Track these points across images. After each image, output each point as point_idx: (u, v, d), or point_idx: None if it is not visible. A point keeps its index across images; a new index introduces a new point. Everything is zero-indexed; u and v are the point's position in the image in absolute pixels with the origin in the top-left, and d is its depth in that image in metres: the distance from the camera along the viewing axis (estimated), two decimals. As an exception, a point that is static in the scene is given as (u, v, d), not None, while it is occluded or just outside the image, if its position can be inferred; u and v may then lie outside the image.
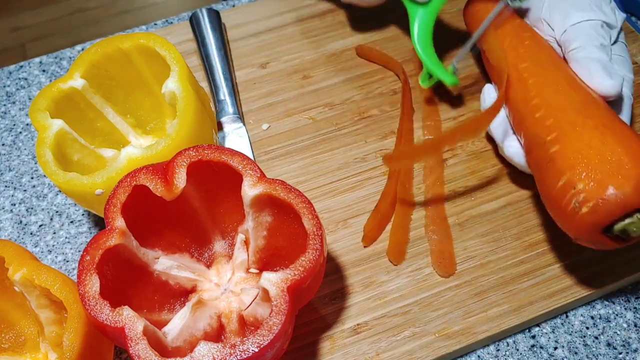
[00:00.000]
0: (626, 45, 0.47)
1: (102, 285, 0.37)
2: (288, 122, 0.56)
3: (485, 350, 0.45)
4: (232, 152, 0.41)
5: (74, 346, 0.37)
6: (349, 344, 0.44)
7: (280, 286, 0.37)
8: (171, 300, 0.43)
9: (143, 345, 0.35)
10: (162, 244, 0.44)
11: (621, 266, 0.46)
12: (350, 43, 0.61)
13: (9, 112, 0.59)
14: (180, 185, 0.40)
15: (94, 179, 0.42)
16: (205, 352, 0.35)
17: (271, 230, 0.43)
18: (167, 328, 0.40)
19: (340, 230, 0.49)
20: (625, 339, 0.45)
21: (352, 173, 0.52)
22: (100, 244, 0.38)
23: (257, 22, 0.63)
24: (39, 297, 0.41)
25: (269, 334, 0.35)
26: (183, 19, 0.65)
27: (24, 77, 0.62)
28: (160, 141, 0.43)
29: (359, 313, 0.45)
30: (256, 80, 0.59)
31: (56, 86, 0.47)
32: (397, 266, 0.47)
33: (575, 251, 0.47)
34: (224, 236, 0.46)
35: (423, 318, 0.45)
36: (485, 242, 0.48)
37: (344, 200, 0.51)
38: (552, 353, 0.44)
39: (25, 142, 0.57)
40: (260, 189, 0.40)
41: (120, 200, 0.40)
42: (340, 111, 0.56)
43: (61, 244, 0.51)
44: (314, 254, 0.38)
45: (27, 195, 0.53)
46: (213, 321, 0.41)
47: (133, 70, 0.50)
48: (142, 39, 0.48)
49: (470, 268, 0.47)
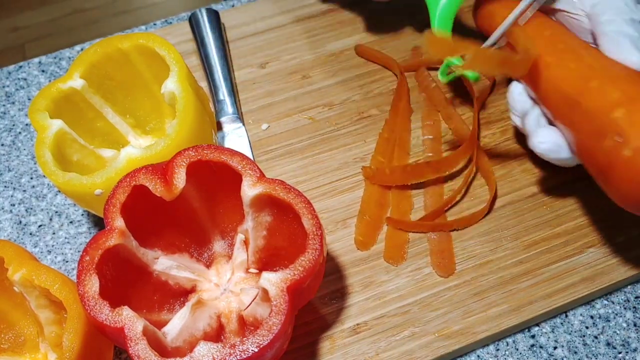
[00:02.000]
0: None
1: (101, 285, 0.37)
2: (287, 122, 0.56)
3: (484, 350, 0.45)
4: (231, 152, 0.41)
5: (73, 346, 0.37)
6: (349, 344, 0.44)
7: (280, 286, 0.37)
8: (171, 300, 0.43)
9: (143, 346, 0.35)
10: (162, 244, 0.44)
11: (621, 266, 0.46)
12: (349, 43, 0.61)
13: (8, 112, 0.59)
14: (179, 185, 0.40)
15: (93, 179, 0.42)
16: (204, 352, 0.35)
17: (271, 230, 0.43)
18: (167, 328, 0.40)
19: (340, 230, 0.49)
20: (625, 339, 0.45)
21: (351, 173, 0.52)
22: (100, 244, 0.38)
23: (257, 22, 0.63)
24: (39, 297, 0.41)
25: (269, 334, 0.35)
26: (182, 19, 0.65)
27: (23, 78, 0.62)
28: (159, 141, 0.43)
29: (358, 313, 0.45)
30: (255, 80, 0.59)
31: (55, 86, 0.47)
32: (396, 266, 0.47)
33: (575, 251, 0.47)
34: (224, 236, 0.46)
35: (422, 318, 0.45)
36: (484, 241, 0.48)
37: (344, 200, 0.51)
38: (552, 353, 0.44)
39: (24, 143, 0.57)
40: (259, 189, 0.40)
41: (120, 201, 0.40)
42: (339, 111, 0.56)
43: (61, 244, 0.51)
44: (313, 254, 0.38)
45: (26, 196, 0.53)
46: (213, 321, 0.41)
47: (132, 71, 0.50)
48: (142, 39, 0.48)
49: (469, 268, 0.47)
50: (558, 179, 0.51)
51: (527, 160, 0.52)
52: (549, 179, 0.51)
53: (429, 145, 0.53)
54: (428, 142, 0.53)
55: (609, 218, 0.49)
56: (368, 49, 0.59)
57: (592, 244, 0.47)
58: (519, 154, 0.52)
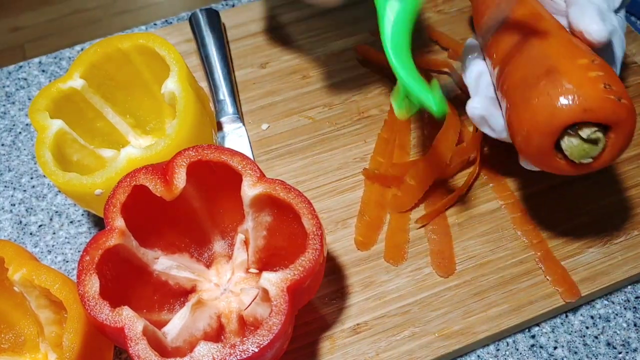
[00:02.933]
0: (624, 22, 0.47)
1: (101, 285, 0.37)
2: (288, 122, 0.56)
3: (485, 350, 0.45)
4: (231, 152, 0.41)
5: (73, 346, 0.37)
6: (349, 344, 0.44)
7: (280, 286, 0.37)
8: (171, 300, 0.43)
9: (143, 346, 0.35)
10: (162, 244, 0.44)
11: (621, 266, 0.46)
12: (349, 43, 0.61)
13: (8, 112, 0.59)
14: (179, 185, 0.40)
15: (93, 179, 0.42)
16: (205, 352, 0.35)
17: (271, 230, 0.43)
18: (167, 328, 0.40)
19: (340, 230, 0.49)
20: (625, 339, 0.45)
21: (351, 173, 0.52)
22: (100, 244, 0.38)
23: (257, 22, 0.63)
24: (39, 297, 0.41)
25: (269, 334, 0.35)
26: (182, 19, 0.65)
27: (23, 77, 0.62)
28: (159, 141, 0.43)
29: (358, 313, 0.45)
30: (256, 80, 0.59)
31: (55, 86, 0.47)
32: (396, 266, 0.47)
33: (575, 251, 0.47)
34: (224, 236, 0.46)
35: (423, 318, 0.45)
36: (484, 241, 0.48)
37: (344, 200, 0.51)
38: (552, 353, 0.44)
39: (24, 143, 0.57)
40: (259, 189, 0.40)
41: (120, 201, 0.40)
42: (339, 111, 0.56)
43: (61, 244, 0.51)
44: (313, 254, 0.38)
45: (26, 196, 0.53)
46: (213, 321, 0.41)
47: (132, 71, 0.50)
48: (142, 39, 0.48)
49: (469, 268, 0.47)
50: (558, 179, 0.51)
51: (527, 160, 0.52)
52: (549, 179, 0.51)
53: (428, 146, 0.53)
54: (427, 142, 0.53)
55: (609, 218, 0.49)
56: (369, 50, 0.59)
57: (592, 244, 0.47)
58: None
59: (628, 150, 0.52)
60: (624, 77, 0.57)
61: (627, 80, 0.57)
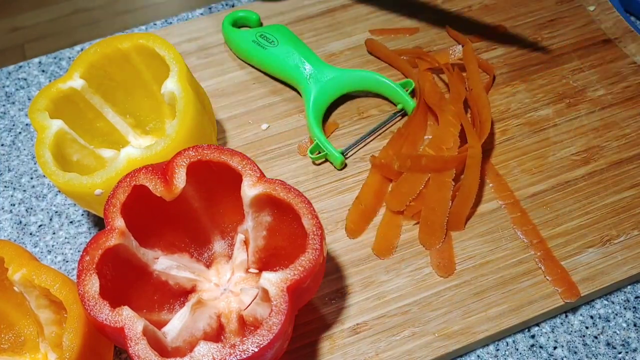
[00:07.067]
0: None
1: (101, 285, 0.37)
2: (287, 122, 0.56)
3: (484, 350, 0.45)
4: (231, 152, 0.41)
5: (73, 346, 0.37)
6: (349, 344, 0.44)
7: (280, 286, 0.37)
8: (171, 300, 0.43)
9: (143, 346, 0.35)
10: (162, 244, 0.44)
11: (621, 266, 0.46)
12: (349, 43, 0.61)
13: (8, 112, 0.59)
14: (179, 185, 0.40)
15: (93, 179, 0.42)
16: (204, 352, 0.35)
17: (271, 230, 0.43)
18: (167, 328, 0.40)
19: (340, 230, 0.49)
20: (625, 339, 0.45)
21: (351, 173, 0.52)
22: (100, 244, 0.38)
23: (257, 22, 0.62)
24: (39, 297, 0.41)
25: (269, 334, 0.35)
26: (182, 19, 0.65)
27: (23, 78, 0.62)
28: (159, 141, 0.43)
29: (358, 313, 0.45)
30: (256, 80, 0.59)
31: (55, 86, 0.47)
32: (396, 266, 0.47)
33: (575, 251, 0.47)
34: (224, 236, 0.46)
35: (422, 318, 0.45)
36: (484, 241, 0.48)
37: (344, 200, 0.51)
38: (552, 353, 0.44)
39: (24, 143, 0.57)
40: (259, 189, 0.40)
41: (120, 201, 0.40)
42: (340, 111, 0.56)
43: (61, 244, 0.51)
44: (313, 254, 0.38)
45: (26, 196, 0.53)
46: (213, 321, 0.41)
47: (132, 71, 0.50)
48: (142, 39, 0.48)
49: (469, 268, 0.47)
50: (558, 178, 0.51)
51: (527, 160, 0.52)
52: (549, 179, 0.51)
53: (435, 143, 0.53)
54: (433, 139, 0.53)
55: (609, 218, 0.49)
56: (380, 46, 0.59)
57: (592, 244, 0.47)
58: (519, 154, 0.53)
59: (628, 150, 0.52)
60: (625, 77, 0.57)
61: (627, 80, 0.57)
